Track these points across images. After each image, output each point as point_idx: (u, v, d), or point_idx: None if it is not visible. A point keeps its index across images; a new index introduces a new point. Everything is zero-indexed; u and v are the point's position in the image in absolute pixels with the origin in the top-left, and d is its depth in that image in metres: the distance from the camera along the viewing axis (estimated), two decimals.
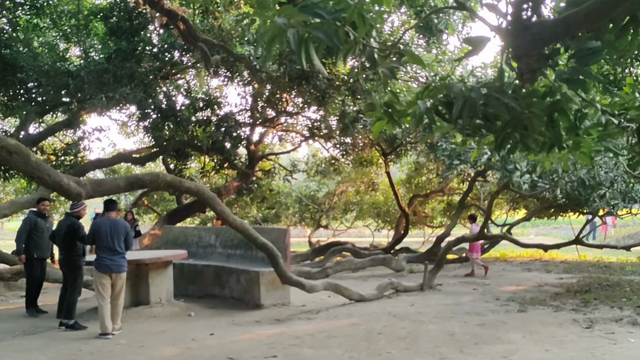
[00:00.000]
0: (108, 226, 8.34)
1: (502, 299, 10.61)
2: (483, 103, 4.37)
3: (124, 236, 8.40)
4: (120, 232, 8.37)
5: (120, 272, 8.38)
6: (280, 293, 10.25)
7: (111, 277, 8.34)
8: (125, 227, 8.59)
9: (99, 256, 8.29)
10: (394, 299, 10.93)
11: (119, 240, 8.33)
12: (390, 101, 4.73)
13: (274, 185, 24.47)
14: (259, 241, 9.10)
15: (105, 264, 8.26)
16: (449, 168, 13.81)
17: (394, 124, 4.73)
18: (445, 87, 4.54)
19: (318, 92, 15.25)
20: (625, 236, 36.13)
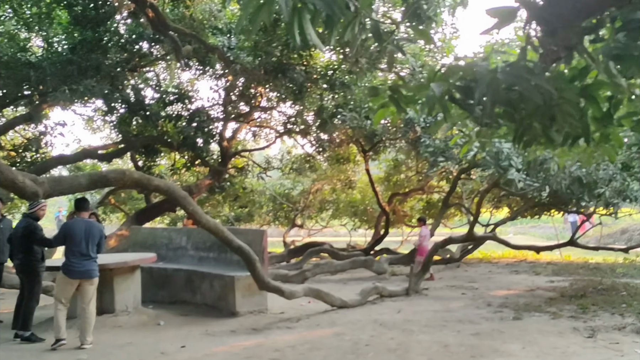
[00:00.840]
0: (82, 229, 7.59)
1: (494, 304, 9.99)
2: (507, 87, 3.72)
3: (98, 240, 7.66)
4: (95, 236, 7.66)
5: (92, 277, 7.66)
6: (257, 299, 9.54)
7: (80, 283, 7.60)
8: (101, 230, 7.87)
9: (70, 261, 7.54)
10: (378, 305, 10.26)
11: (93, 245, 7.61)
12: (396, 85, 4.06)
13: (247, 183, 23.66)
14: (235, 244, 8.36)
15: (77, 270, 7.53)
16: (433, 165, 13.24)
17: (400, 112, 4.05)
18: (464, 68, 3.88)
19: (295, 86, 14.52)
20: (605, 235, 36.02)
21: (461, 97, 3.82)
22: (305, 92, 14.99)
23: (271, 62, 13.66)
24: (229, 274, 9.51)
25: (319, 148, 18.94)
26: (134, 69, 16.02)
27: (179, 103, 16.20)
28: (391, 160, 21.90)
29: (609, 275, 13.79)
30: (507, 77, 3.36)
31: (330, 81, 14.67)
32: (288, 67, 13.82)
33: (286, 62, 13.85)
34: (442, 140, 13.45)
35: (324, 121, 15.75)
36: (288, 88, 14.83)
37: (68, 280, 7.59)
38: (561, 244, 12.40)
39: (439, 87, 3.67)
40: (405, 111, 3.98)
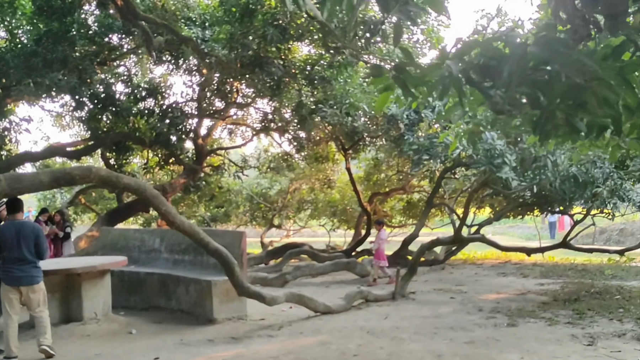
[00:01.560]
0: (13, 231, 6.92)
1: (486, 309, 9.49)
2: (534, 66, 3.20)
3: (33, 242, 6.98)
4: (28, 237, 6.95)
5: (32, 284, 6.98)
6: (235, 305, 8.93)
7: (21, 291, 6.95)
8: (35, 230, 7.13)
9: (6, 267, 6.88)
10: (364, 311, 9.70)
11: (29, 247, 6.92)
12: (402, 64, 3.52)
13: (223, 183, 23.00)
14: (212, 247, 7.75)
15: (14, 276, 6.88)
16: (417, 164, 12.74)
17: (406, 96, 3.50)
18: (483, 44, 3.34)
19: (272, 81, 13.95)
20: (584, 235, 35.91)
21: (479, 77, 3.29)
22: (283, 87, 14.43)
23: (247, 55, 13.07)
24: (205, 278, 8.89)
25: (297, 146, 18.40)
26: (104, 62, 15.33)
27: (151, 98, 15.53)
28: (371, 159, 21.43)
29: (599, 277, 13.42)
30: (542, 50, 2.83)
31: (310, 76, 14.10)
32: (265, 60, 13.23)
33: (263, 55, 13.26)
34: (426, 137, 12.99)
35: (303, 118, 15.18)
36: (265, 83, 14.27)
37: (8, 289, 6.95)
38: (554, 245, 11.97)
39: (456, 66, 3.13)
40: (413, 95, 3.44)
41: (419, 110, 13.56)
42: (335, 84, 14.00)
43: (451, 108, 4.03)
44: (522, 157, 8.28)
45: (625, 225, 32.00)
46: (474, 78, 3.18)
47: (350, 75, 14.37)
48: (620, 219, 21.42)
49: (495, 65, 3.05)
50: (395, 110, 13.44)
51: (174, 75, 17.90)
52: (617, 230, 33.00)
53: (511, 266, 16.66)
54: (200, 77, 16.24)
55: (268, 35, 12.05)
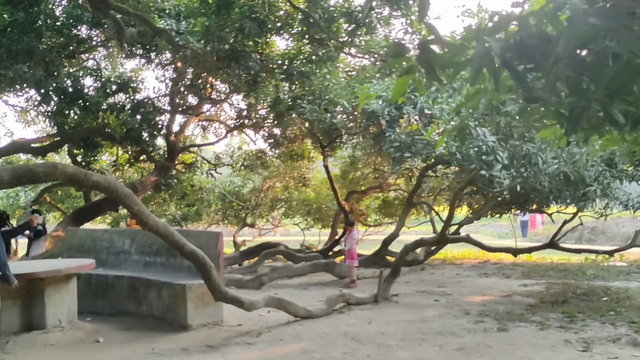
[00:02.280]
0: None
1: (473, 313, 9.10)
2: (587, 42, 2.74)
3: None
4: None
5: None
6: (211, 310, 8.43)
7: None
8: None
9: None
10: (346, 315, 9.24)
11: None
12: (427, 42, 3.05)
13: (195, 181, 22.37)
14: (187, 249, 7.24)
15: None
16: (399, 162, 12.32)
17: (431, 79, 3.05)
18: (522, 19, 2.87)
19: (249, 75, 13.44)
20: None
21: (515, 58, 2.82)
22: (260, 82, 13.93)
23: (224, 49, 12.55)
24: (179, 282, 8.37)
25: (272, 143, 17.91)
26: (72, 55, 14.65)
27: (122, 93, 14.87)
28: (347, 157, 21.03)
29: (581, 277, 13.18)
30: (606, 22, 2.37)
31: (288, 71, 13.60)
32: (242, 54, 12.71)
33: (240, 49, 12.74)
34: (408, 134, 12.60)
35: (280, 114, 14.69)
36: (241, 78, 13.76)
37: None
38: (541, 245, 11.65)
39: (497, 42, 2.68)
40: (438, 78, 2.98)
41: (400, 106, 13.18)
42: (314, 79, 13.54)
43: (472, 96, 3.57)
44: (513, 154, 7.90)
45: (596, 223, 32.10)
46: (510, 59, 2.73)
47: (330, 70, 13.92)
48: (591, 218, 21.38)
49: (537, 44, 2.60)
50: (376, 106, 13.01)
51: (146, 70, 17.33)
52: (589, 228, 33.07)
53: (491, 266, 16.37)
54: (174, 71, 15.65)
55: (245, 28, 11.56)
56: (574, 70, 2.64)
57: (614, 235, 27.30)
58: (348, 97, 13.74)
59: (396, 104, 13.17)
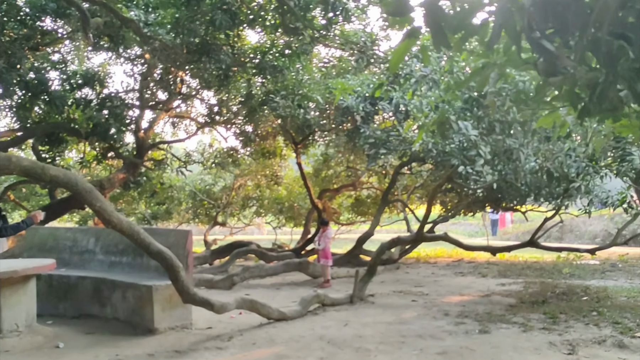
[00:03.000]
0: None
1: (452, 314, 8.82)
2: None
3: None
4: None
5: None
6: (179, 313, 8.03)
7: None
8: None
9: None
10: (321, 316, 8.90)
11: None
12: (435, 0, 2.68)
13: (165, 179, 21.87)
14: (154, 248, 6.84)
15: None
16: (374, 158, 12.06)
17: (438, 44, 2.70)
18: None
19: (220, 70, 13.05)
20: (525, 232, 36.18)
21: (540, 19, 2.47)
22: (231, 76, 13.52)
23: (194, 41, 12.12)
24: (145, 283, 7.95)
25: (243, 141, 17.51)
26: (36, 47, 14.04)
27: (88, 87, 14.33)
28: (320, 155, 20.75)
29: (557, 276, 13.06)
30: None
31: (260, 65, 13.22)
32: (213, 47, 12.29)
33: (211, 42, 12.32)
34: (383, 130, 12.35)
35: (252, 109, 14.30)
36: (212, 72, 13.35)
37: None
38: (521, 244, 11.43)
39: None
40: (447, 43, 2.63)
41: (375, 101, 12.92)
42: (287, 73, 13.18)
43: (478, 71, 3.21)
44: (495, 149, 7.64)
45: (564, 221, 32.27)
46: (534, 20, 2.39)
47: (304, 65, 13.57)
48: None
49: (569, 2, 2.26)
50: (350, 101, 12.73)
51: (115, 64, 16.84)
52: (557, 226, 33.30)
53: (466, 265, 16.20)
54: (143, 65, 15.17)
55: (217, 20, 11.14)
56: (612, 35, 2.30)
57: (582, 233, 27.44)
58: (322, 92, 13.43)
59: (371, 99, 12.93)
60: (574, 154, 8.16)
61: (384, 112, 13.19)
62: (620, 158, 8.49)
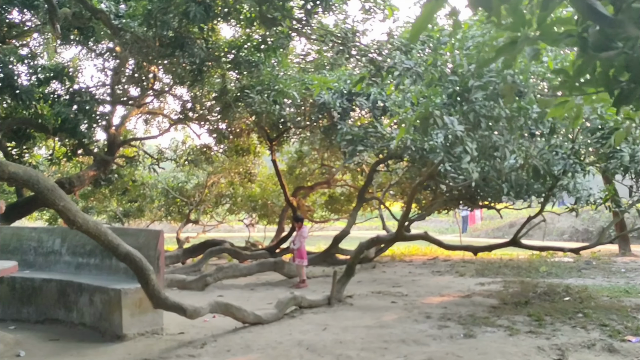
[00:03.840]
0: None
1: (435, 316, 8.54)
2: None
3: None
4: None
5: None
6: (150, 318, 7.66)
7: None
8: None
9: None
10: (298, 320, 8.57)
11: None
12: None
13: (137, 176, 21.39)
14: (122, 250, 6.45)
15: None
16: (352, 155, 11.78)
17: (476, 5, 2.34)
18: None
19: (194, 65, 12.66)
20: (494, 229, 36.33)
21: None
22: (205, 72, 13.14)
23: (167, 35, 11.72)
24: (113, 287, 7.56)
25: (217, 138, 17.14)
26: (2, 40, 13.55)
27: (57, 82, 13.80)
28: (294, 152, 20.48)
29: (535, 274, 12.94)
30: None
31: (235, 59, 12.85)
32: (187, 41, 11.89)
33: (185, 35, 11.92)
34: (360, 127, 12.08)
35: (227, 105, 13.92)
36: (186, 67, 12.96)
37: None
38: (503, 243, 11.18)
39: None
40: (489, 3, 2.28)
41: (352, 98, 12.65)
42: (263, 68, 12.83)
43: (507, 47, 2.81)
44: (482, 145, 7.38)
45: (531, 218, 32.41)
46: None
47: (280, 60, 13.23)
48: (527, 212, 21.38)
49: None
50: (327, 97, 12.43)
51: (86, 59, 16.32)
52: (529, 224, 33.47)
53: (442, 263, 16.01)
54: (114, 59, 14.71)
55: (190, 13, 10.73)
56: None
57: (550, 230, 27.50)
58: (298, 88, 13.12)
59: (348, 96, 12.66)
60: (561, 150, 7.94)
61: (361, 109, 12.93)
62: (608, 155, 8.29)
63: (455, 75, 7.85)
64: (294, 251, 12.65)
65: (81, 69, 16.36)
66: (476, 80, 7.45)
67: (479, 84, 7.41)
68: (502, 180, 9.43)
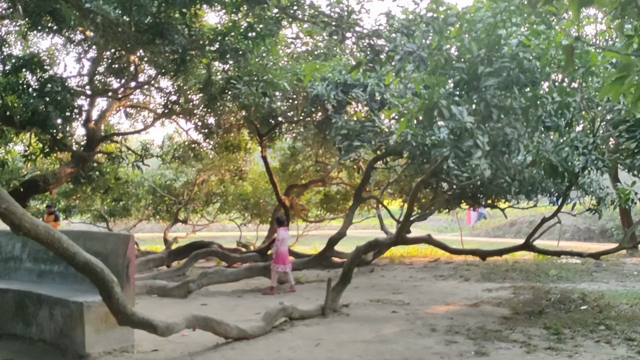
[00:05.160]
0: None
1: (440, 329, 7.62)
2: None
3: None
4: None
5: None
6: (118, 334, 6.72)
7: None
8: None
9: None
10: (289, 333, 7.63)
11: None
12: None
13: (122, 173, 20.37)
14: (80, 259, 5.52)
15: None
16: (348, 151, 10.87)
17: None
18: None
19: (176, 53, 11.73)
20: (495, 228, 35.62)
21: None
22: (189, 61, 12.18)
23: (145, 20, 10.78)
24: (75, 299, 6.61)
25: (205, 133, 16.20)
26: None
27: (26, 70, 12.79)
28: (287, 148, 19.56)
29: (545, 279, 12.06)
30: None
31: (221, 48, 11.88)
32: (167, 27, 10.92)
33: (165, 21, 10.95)
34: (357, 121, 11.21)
35: (213, 97, 12.95)
36: (168, 56, 12.01)
37: None
38: (514, 247, 10.27)
39: None
40: None
41: (347, 89, 11.76)
42: (250, 57, 11.88)
43: None
44: (494, 139, 6.48)
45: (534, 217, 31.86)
46: None
47: (269, 48, 12.28)
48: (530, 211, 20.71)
49: None
50: (320, 89, 11.53)
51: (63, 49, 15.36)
52: (527, 222, 32.88)
53: (445, 266, 15.11)
54: (89, 48, 13.75)
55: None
56: None
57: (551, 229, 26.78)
58: (289, 78, 12.21)
59: (343, 87, 11.81)
60: (581, 145, 7.02)
61: (358, 101, 12.03)
62: (634, 150, 7.36)
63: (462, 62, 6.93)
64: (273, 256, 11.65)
65: (58, 59, 15.36)
66: (487, 66, 6.53)
67: (490, 70, 6.50)
68: (511, 178, 8.55)
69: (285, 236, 11.81)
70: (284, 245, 11.60)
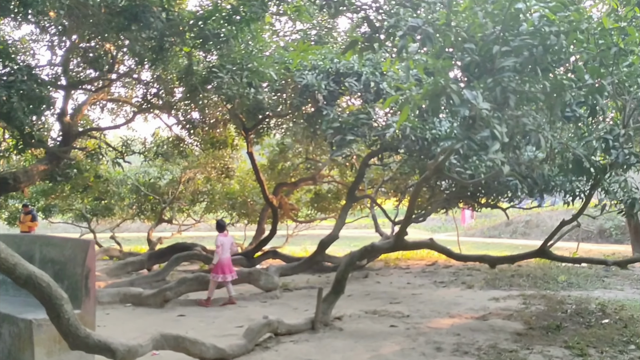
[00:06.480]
0: None
1: (446, 348, 6.67)
2: None
3: None
4: None
5: None
6: (75, 356, 5.75)
7: None
8: None
9: None
10: (274, 352, 6.66)
11: None
12: None
13: (102, 171, 19.42)
14: (21, 272, 4.53)
15: None
16: (341, 146, 9.95)
17: None
18: None
19: (154, 40, 10.79)
20: (490, 227, 34.91)
21: None
22: (167, 49, 11.23)
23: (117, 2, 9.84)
24: (24, 316, 5.66)
25: (189, 128, 15.27)
26: None
27: None
28: (276, 145, 18.67)
29: (554, 286, 11.17)
30: None
31: (202, 34, 10.92)
32: (142, 10, 9.96)
33: (140, 3, 10.00)
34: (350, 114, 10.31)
35: (194, 88, 12.00)
36: (144, 43, 11.06)
37: None
38: (528, 254, 9.30)
39: None
40: None
41: (339, 79, 10.84)
42: (234, 44, 10.95)
43: None
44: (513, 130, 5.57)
45: (530, 217, 31.26)
46: None
47: (254, 34, 11.35)
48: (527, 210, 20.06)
49: None
50: (310, 78, 10.61)
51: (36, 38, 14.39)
52: (523, 222, 32.27)
53: (444, 271, 14.20)
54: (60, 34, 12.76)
55: None
56: None
57: (548, 229, 26.04)
58: (277, 68, 11.30)
59: (335, 77, 10.89)
60: (611, 137, 6.09)
61: (351, 92, 11.11)
62: None
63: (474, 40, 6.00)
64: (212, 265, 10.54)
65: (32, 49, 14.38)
66: (502, 45, 5.60)
67: (507, 49, 5.56)
68: (523, 175, 7.64)
69: (225, 242, 10.65)
70: (225, 252, 10.50)
